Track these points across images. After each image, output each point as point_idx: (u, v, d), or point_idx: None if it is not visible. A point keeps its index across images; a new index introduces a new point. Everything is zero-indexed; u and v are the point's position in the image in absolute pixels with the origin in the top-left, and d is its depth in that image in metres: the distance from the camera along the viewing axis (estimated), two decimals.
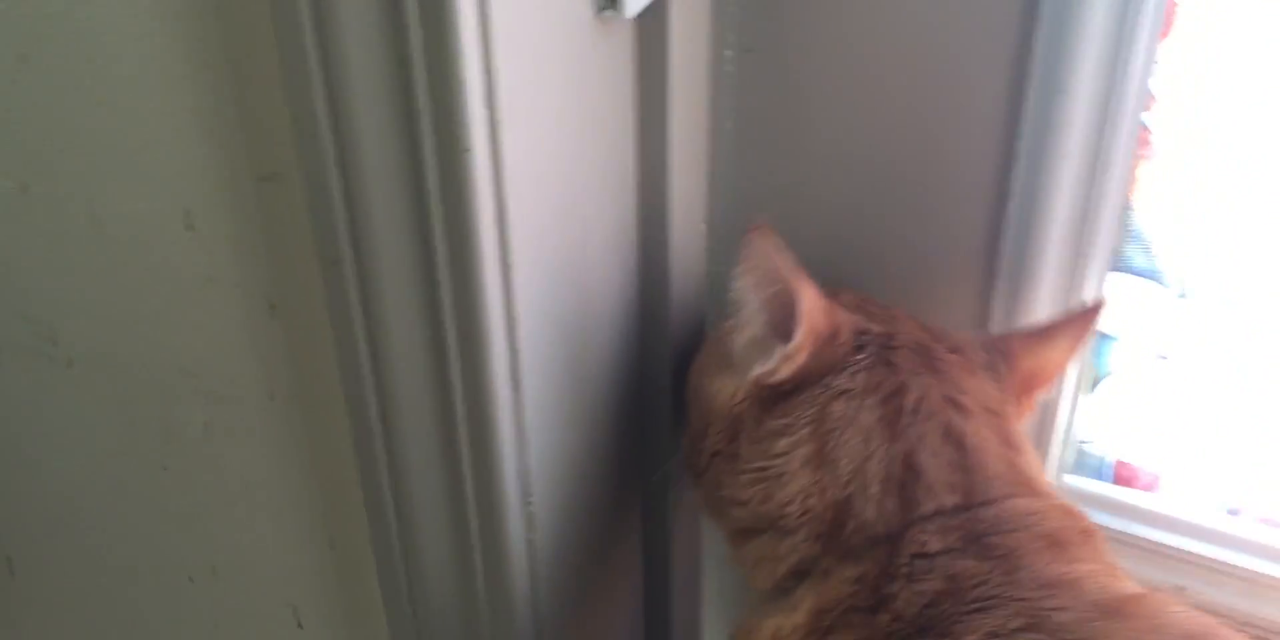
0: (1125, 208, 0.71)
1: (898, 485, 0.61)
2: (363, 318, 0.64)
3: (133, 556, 0.91)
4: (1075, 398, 0.78)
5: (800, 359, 0.62)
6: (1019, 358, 0.67)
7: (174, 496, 0.84)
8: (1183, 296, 0.72)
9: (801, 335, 0.61)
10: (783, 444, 0.63)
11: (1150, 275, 0.73)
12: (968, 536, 0.60)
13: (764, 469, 0.65)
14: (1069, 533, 0.61)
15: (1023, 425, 0.68)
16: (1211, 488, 0.79)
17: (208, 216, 0.67)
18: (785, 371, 0.63)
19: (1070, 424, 0.79)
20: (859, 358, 0.63)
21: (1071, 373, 0.76)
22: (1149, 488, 0.80)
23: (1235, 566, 0.78)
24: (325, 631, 0.86)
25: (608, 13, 0.60)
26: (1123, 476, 0.81)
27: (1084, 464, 0.81)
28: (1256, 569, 0.77)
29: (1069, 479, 0.81)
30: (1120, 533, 0.80)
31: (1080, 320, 0.67)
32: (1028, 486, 0.63)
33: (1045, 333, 0.67)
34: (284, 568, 0.84)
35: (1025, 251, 0.71)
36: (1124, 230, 0.72)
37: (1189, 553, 0.78)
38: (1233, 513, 0.78)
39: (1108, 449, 0.80)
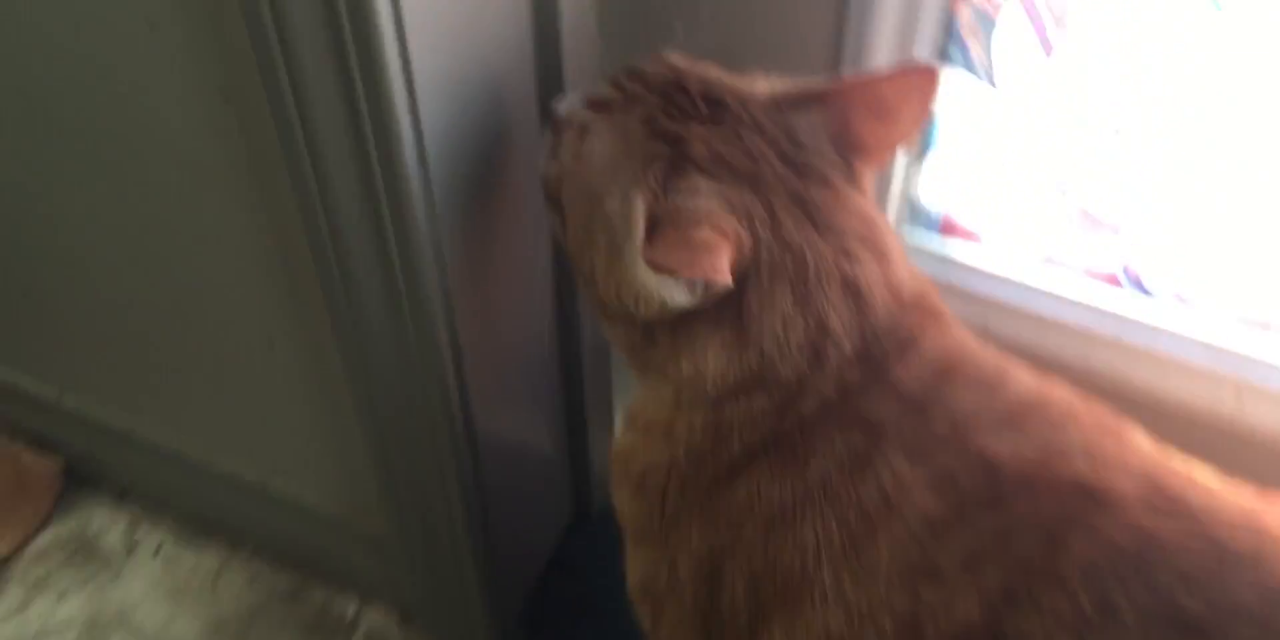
0: (948, 12, 0.83)
1: (811, 346, 0.67)
2: (295, 103, 0.77)
3: (131, 288, 1.08)
4: (909, 166, 0.93)
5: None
6: (871, 147, 0.71)
7: (163, 240, 1.00)
8: (992, 85, 0.86)
9: (727, 283, 0.63)
10: (703, 333, 0.68)
11: (968, 67, 0.86)
12: (857, 360, 0.68)
13: (679, 348, 0.69)
14: (923, 321, 0.70)
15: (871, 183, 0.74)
16: (1021, 242, 0.94)
17: (166, 22, 0.79)
18: (712, 299, 0.66)
19: (905, 188, 0.95)
20: (759, 253, 0.66)
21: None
22: (968, 237, 0.96)
23: (1030, 309, 0.95)
24: (292, 354, 1.04)
25: None
26: (949, 229, 0.96)
27: (917, 217, 0.97)
28: (1044, 310, 0.94)
29: (915, 240, 0.97)
30: (949, 283, 0.96)
31: (920, 95, 0.70)
32: (898, 298, 0.69)
33: (891, 114, 0.70)
34: (257, 301, 1.01)
35: (863, 46, 0.84)
36: (947, 31, 0.84)
37: (992, 296, 0.95)
38: (1040, 262, 0.94)
39: (937, 206, 0.96)
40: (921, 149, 0.92)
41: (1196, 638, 0.55)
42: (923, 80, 0.69)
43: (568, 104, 0.76)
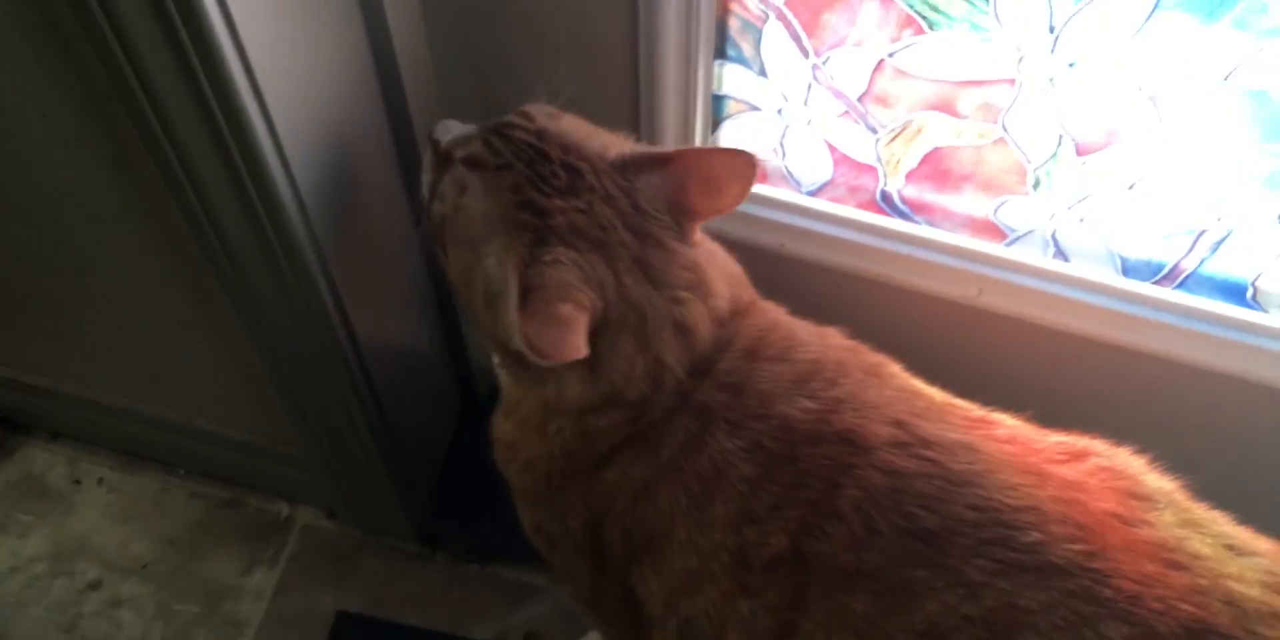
0: (722, 22, 0.99)
1: (651, 377, 0.83)
2: (184, 173, 0.91)
3: (50, 280, 1.20)
4: (706, 134, 1.11)
5: None
6: (699, 213, 0.86)
7: (67, 238, 1.12)
8: (761, 74, 1.03)
9: (584, 355, 0.78)
10: (563, 369, 0.83)
11: (742, 62, 1.03)
12: (689, 374, 0.84)
13: (545, 376, 0.84)
14: (736, 323, 0.87)
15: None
16: (799, 177, 1.14)
17: (56, 113, 0.91)
18: None
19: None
20: (607, 311, 0.81)
21: (701, 119, 1.08)
22: (762, 180, 1.15)
23: (816, 231, 1.16)
24: (199, 327, 1.18)
25: None
26: None
27: None
28: (827, 231, 1.15)
29: None
30: (744, 213, 1.17)
31: (742, 179, 0.84)
32: (718, 320, 0.86)
33: (717, 189, 0.84)
34: (165, 291, 1.15)
35: (654, 54, 1.00)
36: (723, 37, 1.01)
37: (786, 223, 1.16)
38: (810, 192, 1.15)
39: None
40: (713, 123, 1.10)
41: (934, 544, 0.78)
42: (744, 164, 0.84)
43: (447, 134, 0.89)
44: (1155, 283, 1.09)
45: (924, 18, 0.93)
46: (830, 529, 0.81)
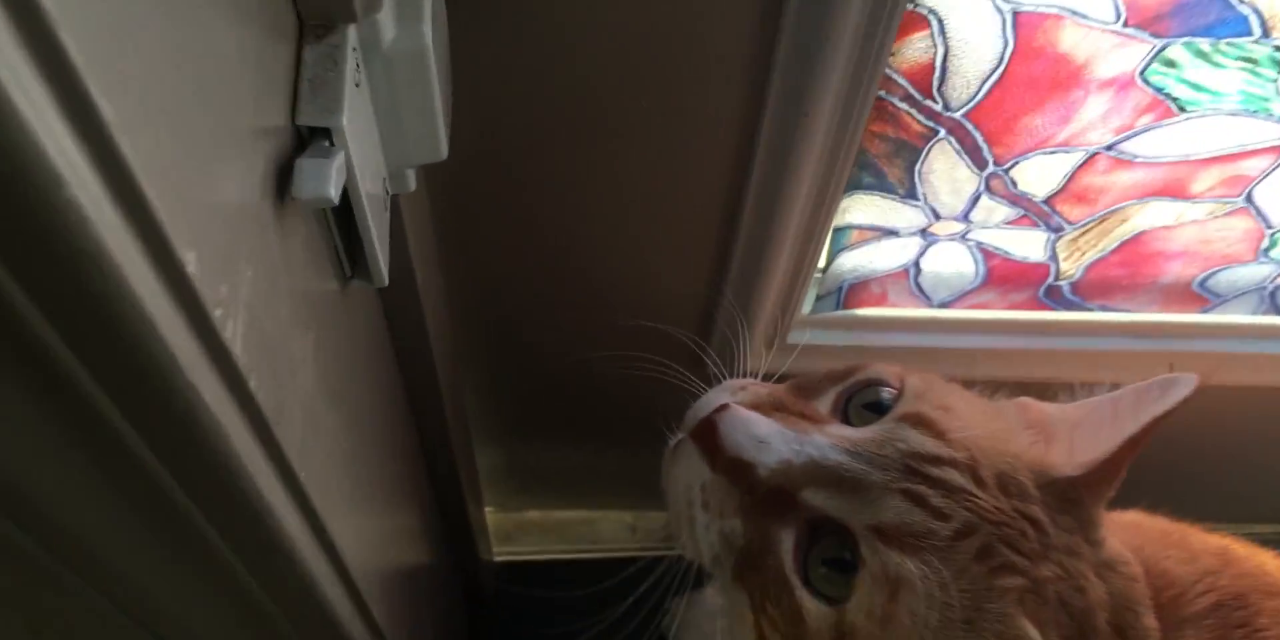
0: (860, 147, 0.68)
1: None
2: None
3: None
4: (815, 272, 0.81)
5: None
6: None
7: None
8: (907, 196, 0.74)
9: None
10: None
11: (881, 189, 0.73)
12: None
13: None
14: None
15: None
16: (930, 292, 0.86)
17: None
18: None
19: (815, 285, 0.83)
20: None
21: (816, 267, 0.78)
22: (882, 302, 0.86)
23: (932, 347, 0.88)
24: None
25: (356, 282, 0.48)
26: (851, 302, 0.86)
27: (827, 299, 0.86)
28: (968, 345, 0.88)
29: (818, 314, 0.86)
30: (854, 345, 0.88)
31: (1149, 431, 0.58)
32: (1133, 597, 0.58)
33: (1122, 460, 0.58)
34: None
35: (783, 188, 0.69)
36: (858, 163, 0.70)
37: (904, 346, 0.88)
38: (943, 304, 0.87)
39: (842, 287, 0.85)
40: (828, 258, 0.80)
41: None
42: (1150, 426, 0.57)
43: (768, 454, 0.56)
44: None
45: (1176, 100, 0.65)
46: None
